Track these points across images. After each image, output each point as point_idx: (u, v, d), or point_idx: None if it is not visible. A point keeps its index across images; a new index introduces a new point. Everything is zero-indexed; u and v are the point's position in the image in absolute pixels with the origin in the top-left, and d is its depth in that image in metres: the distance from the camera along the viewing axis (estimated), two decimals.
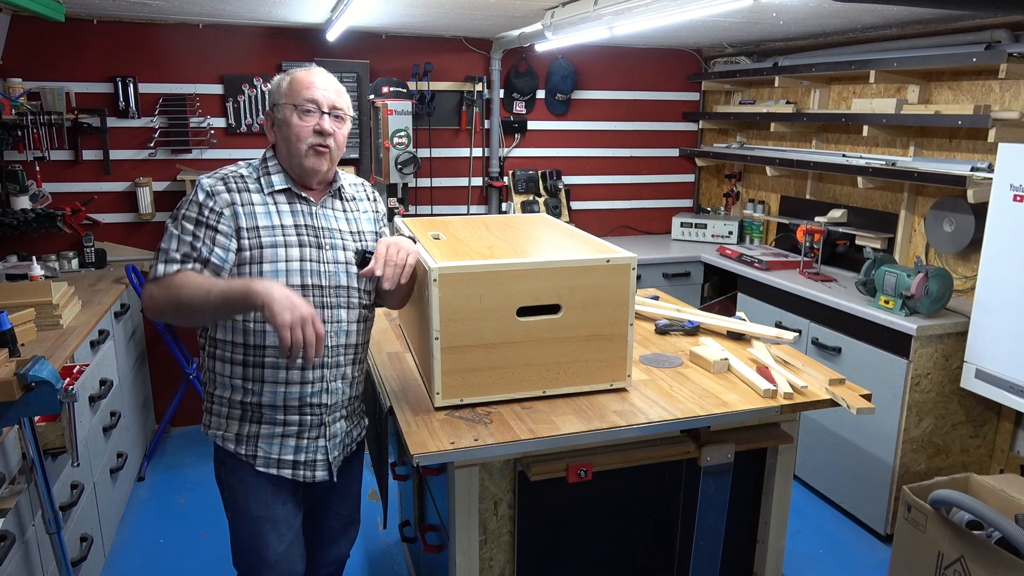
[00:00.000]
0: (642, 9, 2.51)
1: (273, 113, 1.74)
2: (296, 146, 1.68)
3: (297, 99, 1.68)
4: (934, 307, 2.83)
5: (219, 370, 1.72)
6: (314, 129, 1.68)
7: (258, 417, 1.73)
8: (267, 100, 1.80)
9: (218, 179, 1.69)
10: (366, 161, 4.11)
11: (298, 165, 1.71)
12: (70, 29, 3.54)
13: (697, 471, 1.87)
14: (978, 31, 2.90)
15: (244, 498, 1.77)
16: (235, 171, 1.73)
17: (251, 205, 1.68)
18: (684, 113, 4.76)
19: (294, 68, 1.76)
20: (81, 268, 3.61)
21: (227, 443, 1.74)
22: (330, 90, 1.73)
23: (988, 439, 3.01)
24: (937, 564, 2.35)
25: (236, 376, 1.71)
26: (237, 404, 1.73)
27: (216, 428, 1.76)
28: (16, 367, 1.76)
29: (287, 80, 1.72)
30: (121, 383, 3.16)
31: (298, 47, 3.92)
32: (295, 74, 1.73)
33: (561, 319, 1.78)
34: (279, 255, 1.67)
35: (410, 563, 2.62)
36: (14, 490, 1.96)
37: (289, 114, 1.68)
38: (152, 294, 1.61)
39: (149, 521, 3.11)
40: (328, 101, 1.71)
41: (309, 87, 1.70)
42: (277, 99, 1.72)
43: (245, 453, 1.74)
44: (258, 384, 1.70)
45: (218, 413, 1.75)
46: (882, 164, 3.25)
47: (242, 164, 1.76)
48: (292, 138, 1.68)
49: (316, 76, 1.73)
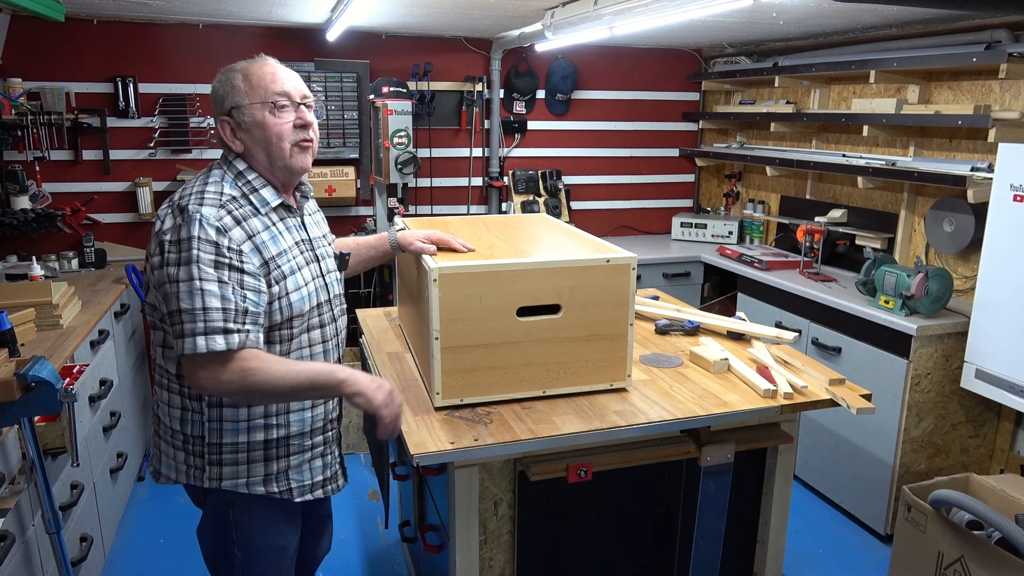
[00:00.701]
0: (642, 9, 2.51)
1: (234, 117, 1.53)
2: (279, 147, 1.54)
3: (265, 95, 1.52)
4: (934, 307, 2.83)
5: (228, 416, 1.55)
6: (295, 124, 1.55)
7: (285, 451, 1.62)
8: (219, 105, 1.55)
9: (217, 208, 1.46)
10: (366, 161, 4.11)
11: (283, 168, 1.56)
12: (70, 29, 3.54)
13: (697, 471, 1.87)
14: (978, 31, 2.90)
15: (262, 533, 1.66)
16: (221, 193, 1.50)
17: (260, 233, 1.52)
18: (684, 113, 4.76)
19: (237, 64, 1.56)
20: (81, 268, 3.61)
21: (253, 488, 1.60)
22: (295, 79, 1.58)
23: (988, 439, 3.01)
24: (937, 564, 2.35)
25: (256, 417, 1.57)
26: (259, 445, 1.59)
27: (232, 477, 1.59)
28: (16, 367, 1.76)
29: (240, 77, 1.53)
30: (121, 383, 3.16)
31: (298, 47, 3.92)
32: (249, 69, 1.54)
33: (561, 319, 1.78)
34: (299, 281, 1.57)
35: (410, 563, 2.62)
36: (14, 490, 1.96)
37: (261, 114, 1.52)
38: (219, 379, 1.41)
39: (149, 521, 3.11)
40: (298, 92, 1.57)
41: (274, 80, 1.53)
42: (237, 100, 1.52)
43: (279, 490, 1.63)
44: (283, 416, 1.60)
45: (231, 462, 1.58)
46: (882, 164, 3.25)
47: (213, 181, 1.52)
48: (272, 139, 1.53)
49: (276, 67, 1.56)
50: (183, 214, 1.44)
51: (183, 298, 1.41)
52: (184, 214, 1.44)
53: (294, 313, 1.57)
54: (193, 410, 1.56)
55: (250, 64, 1.55)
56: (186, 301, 1.40)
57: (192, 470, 1.60)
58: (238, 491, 1.60)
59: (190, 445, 1.58)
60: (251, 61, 1.57)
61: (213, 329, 1.40)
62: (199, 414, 1.56)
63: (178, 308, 1.41)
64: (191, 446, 1.58)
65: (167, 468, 1.64)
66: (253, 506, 1.63)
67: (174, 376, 1.56)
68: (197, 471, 1.59)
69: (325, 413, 1.71)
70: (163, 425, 1.62)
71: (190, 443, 1.58)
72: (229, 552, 1.66)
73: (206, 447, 1.58)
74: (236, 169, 1.56)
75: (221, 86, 1.55)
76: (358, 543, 2.99)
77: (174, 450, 1.61)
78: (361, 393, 1.50)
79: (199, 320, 1.40)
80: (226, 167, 1.57)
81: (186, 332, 1.40)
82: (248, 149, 1.56)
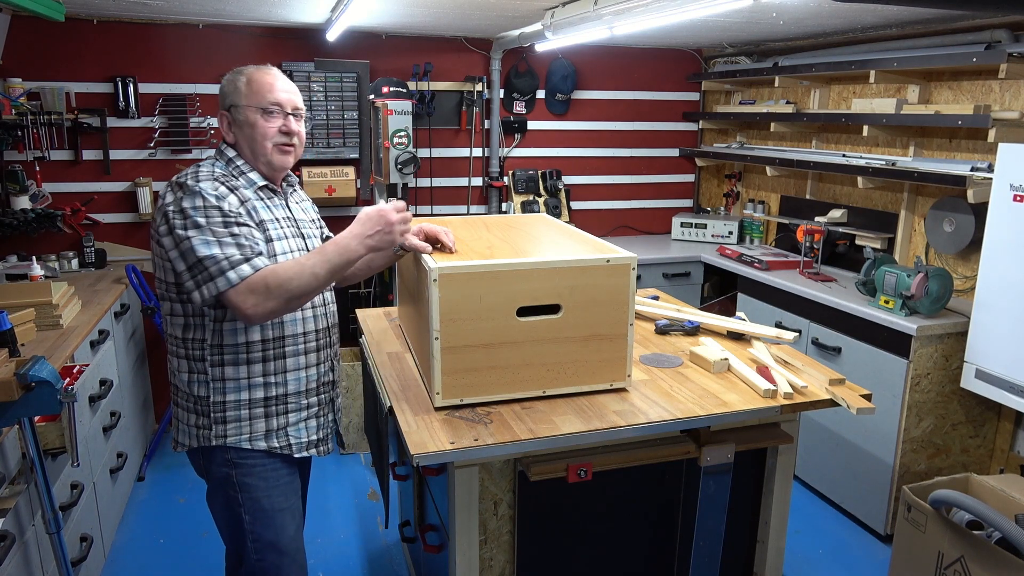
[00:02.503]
0: (642, 9, 2.51)
1: (231, 114, 1.75)
2: (262, 145, 1.73)
3: (261, 101, 1.72)
4: (934, 307, 2.83)
5: (230, 375, 1.71)
6: (280, 129, 1.74)
7: (284, 408, 1.77)
8: (222, 100, 1.77)
9: (212, 181, 1.66)
10: (366, 161, 4.11)
11: (265, 163, 1.75)
12: (70, 29, 3.54)
13: (697, 471, 1.87)
14: (978, 31, 2.91)
15: (266, 493, 1.77)
16: (214, 172, 1.70)
17: (250, 200, 1.71)
18: (684, 113, 4.76)
19: (246, 68, 1.76)
20: (81, 268, 3.61)
21: (256, 443, 1.74)
22: (291, 91, 1.77)
23: (988, 439, 3.01)
24: (937, 564, 2.35)
25: (256, 375, 1.73)
26: (259, 402, 1.74)
27: (236, 433, 1.74)
28: (16, 367, 1.76)
29: (243, 81, 1.73)
30: (121, 383, 3.16)
31: (298, 47, 3.92)
32: (253, 75, 1.74)
33: (561, 319, 1.78)
34: (283, 247, 1.74)
35: (410, 563, 2.62)
36: (14, 490, 1.96)
37: (253, 116, 1.72)
38: (255, 303, 1.57)
39: (149, 521, 3.11)
40: (291, 103, 1.76)
41: (271, 89, 1.73)
42: (236, 100, 1.73)
43: (280, 445, 1.77)
44: (281, 375, 1.75)
45: (234, 419, 1.73)
46: (882, 164, 3.25)
47: (206, 164, 1.73)
48: (258, 138, 1.73)
49: (276, 78, 1.75)
50: (183, 189, 1.62)
51: (200, 248, 1.57)
52: (184, 188, 1.62)
53: None
54: (198, 371, 1.71)
55: (256, 71, 1.75)
56: (204, 249, 1.57)
57: (201, 431, 1.74)
58: (241, 446, 1.73)
59: (199, 406, 1.73)
60: (258, 68, 1.76)
61: (237, 262, 1.58)
62: (203, 374, 1.71)
63: (198, 258, 1.57)
64: (199, 406, 1.73)
65: (182, 435, 1.78)
66: (255, 466, 1.75)
67: (181, 340, 1.72)
68: (205, 431, 1.73)
69: (319, 375, 1.85)
70: (179, 392, 1.76)
71: (199, 404, 1.73)
72: (238, 516, 1.77)
73: (211, 406, 1.72)
74: (227, 156, 1.76)
75: (227, 84, 1.75)
76: (358, 543, 2.99)
77: (186, 413, 1.76)
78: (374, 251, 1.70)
79: (222, 260, 1.57)
80: (217, 156, 1.77)
81: (214, 274, 1.57)
82: (238, 142, 1.76)
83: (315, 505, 3.17)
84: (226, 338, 1.70)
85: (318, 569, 2.81)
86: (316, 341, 1.84)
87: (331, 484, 3.37)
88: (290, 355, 1.77)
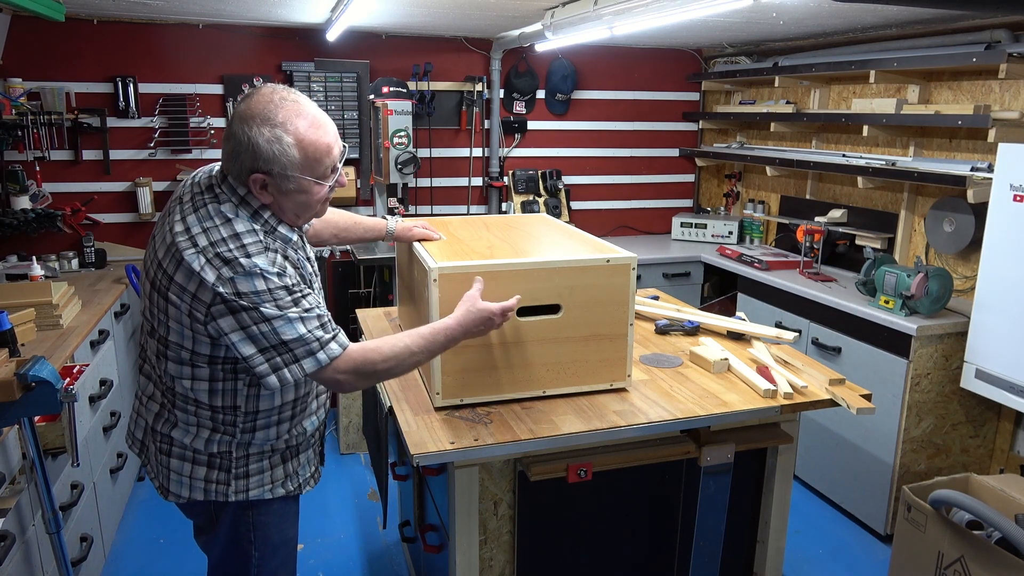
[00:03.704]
0: (642, 9, 2.51)
1: (275, 179, 1.44)
2: (312, 209, 1.53)
3: (319, 170, 1.47)
4: (934, 307, 2.83)
5: (260, 437, 1.59)
6: (330, 187, 1.53)
7: (296, 451, 1.68)
8: (258, 161, 1.42)
9: (264, 253, 1.43)
10: (366, 161, 4.11)
11: (308, 220, 1.60)
12: (70, 29, 3.54)
13: (697, 471, 1.87)
14: (978, 31, 2.90)
15: (279, 529, 1.70)
16: (256, 237, 1.45)
17: (295, 262, 1.53)
18: (684, 113, 4.76)
19: (289, 123, 1.41)
20: (81, 268, 3.61)
21: (276, 491, 1.64)
22: (337, 135, 1.52)
23: (988, 439, 3.01)
24: (937, 564, 2.35)
25: (283, 433, 1.62)
26: (279, 452, 1.64)
27: (259, 486, 1.62)
28: (16, 367, 1.76)
29: (292, 143, 1.41)
30: (121, 383, 3.16)
31: (298, 47, 3.92)
32: (305, 138, 1.42)
33: (561, 319, 1.78)
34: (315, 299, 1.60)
35: (410, 563, 2.62)
36: (14, 490, 1.96)
37: (308, 186, 1.47)
38: (348, 381, 1.50)
39: (149, 521, 3.11)
40: (341, 152, 1.53)
41: (329, 152, 1.47)
42: (286, 169, 1.43)
43: (293, 488, 1.68)
44: (299, 425, 1.66)
45: (256, 471, 1.61)
46: (882, 164, 3.25)
47: (236, 220, 1.44)
48: (313, 204, 1.51)
49: (328, 131, 1.47)
50: (231, 267, 1.39)
51: (284, 331, 1.42)
52: (234, 267, 1.39)
53: None
54: (223, 432, 1.56)
55: (305, 131, 1.43)
56: (289, 332, 1.42)
57: (215, 485, 1.59)
58: (263, 498, 1.63)
59: (217, 460, 1.58)
60: (306, 125, 1.43)
61: (326, 341, 1.46)
62: (229, 436, 1.56)
63: (282, 341, 1.42)
64: (217, 462, 1.58)
65: (178, 486, 1.60)
66: (271, 505, 1.67)
67: (207, 405, 1.54)
68: (221, 486, 1.59)
69: (324, 413, 1.78)
70: (180, 443, 1.57)
71: (216, 459, 1.58)
72: (246, 552, 1.67)
73: (234, 462, 1.58)
74: (250, 207, 1.48)
75: (268, 145, 1.41)
76: (358, 543, 2.98)
77: (193, 466, 1.58)
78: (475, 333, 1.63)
79: (312, 342, 1.44)
80: (238, 203, 1.47)
81: (300, 356, 1.44)
82: (278, 204, 1.49)
83: (315, 505, 3.17)
84: (262, 403, 1.56)
85: (318, 569, 2.81)
86: None
87: (331, 484, 3.37)
88: (311, 401, 1.69)
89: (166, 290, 1.44)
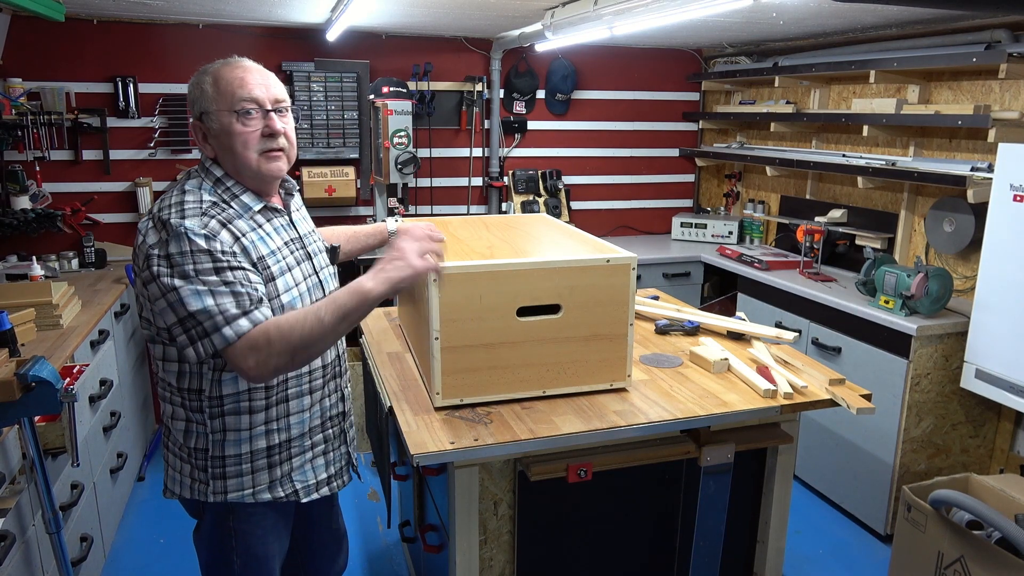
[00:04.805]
0: (642, 9, 2.51)
1: (204, 123, 1.50)
2: (245, 155, 1.49)
3: (233, 102, 1.46)
4: (934, 307, 2.83)
5: (231, 426, 1.54)
6: (262, 132, 1.49)
7: (288, 455, 1.61)
8: (192, 108, 1.51)
9: (199, 217, 1.42)
10: (366, 161, 4.11)
11: (252, 175, 1.52)
12: (70, 29, 3.54)
13: (697, 471, 1.87)
14: (978, 31, 2.91)
15: (262, 539, 1.64)
16: (200, 201, 1.46)
17: (247, 234, 1.49)
18: (684, 113, 4.76)
19: (211, 65, 1.50)
20: (81, 268, 3.61)
21: (260, 495, 1.59)
22: (268, 83, 1.51)
23: (988, 439, 3.01)
24: (937, 564, 2.35)
25: (258, 424, 1.56)
26: (261, 453, 1.57)
27: (238, 489, 1.57)
28: (16, 367, 1.76)
29: (209, 81, 1.48)
30: (121, 383, 3.16)
31: (298, 47, 3.92)
32: (220, 72, 1.48)
33: (561, 319, 1.78)
34: (289, 282, 1.55)
35: (410, 563, 2.62)
36: (14, 490, 1.96)
37: (227, 121, 1.47)
38: (258, 362, 1.39)
39: (149, 521, 3.11)
40: (270, 97, 1.50)
41: (243, 84, 1.47)
42: (206, 106, 1.48)
43: (285, 494, 1.62)
44: (283, 420, 1.59)
45: (235, 474, 1.56)
46: (882, 164, 3.25)
47: (190, 190, 1.47)
48: (238, 147, 1.48)
49: (248, 71, 1.50)
50: (166, 228, 1.40)
51: (190, 301, 1.38)
52: (167, 228, 1.40)
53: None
54: (196, 422, 1.54)
55: (221, 67, 1.50)
56: (195, 302, 1.38)
57: (196, 484, 1.58)
58: (244, 502, 1.59)
59: (194, 459, 1.57)
60: (224, 63, 1.51)
61: (233, 316, 1.39)
62: (202, 426, 1.54)
63: (188, 312, 1.38)
64: (195, 459, 1.57)
65: (173, 482, 1.63)
66: (254, 513, 1.62)
67: (176, 388, 1.54)
68: (201, 485, 1.58)
69: (323, 411, 1.69)
70: (172, 438, 1.60)
71: (194, 456, 1.57)
72: (228, 559, 1.64)
73: (209, 460, 1.56)
74: (214, 176, 1.52)
75: (193, 88, 1.51)
76: (358, 543, 2.98)
77: (181, 463, 1.60)
78: (396, 285, 1.48)
79: (216, 316, 1.38)
80: (204, 174, 1.53)
81: (208, 330, 1.39)
82: (219, 154, 1.52)
83: None
84: (226, 387, 1.52)
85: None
86: (323, 376, 1.67)
87: None
88: (293, 396, 1.60)
89: (135, 264, 1.48)
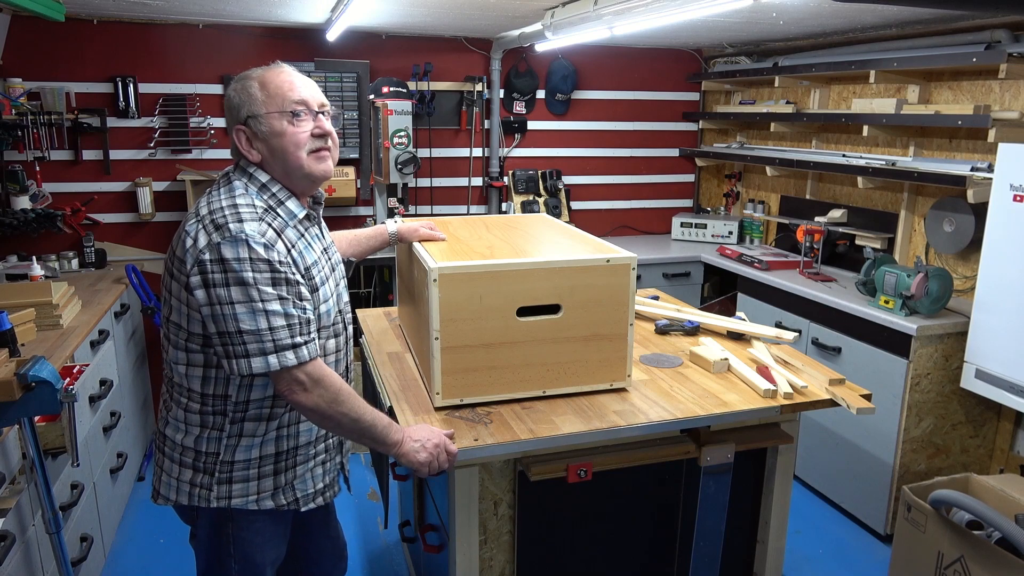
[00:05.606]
0: (642, 9, 2.51)
1: (250, 126, 1.51)
2: (295, 156, 1.51)
3: (284, 104, 1.50)
4: (934, 307, 2.83)
5: (248, 431, 1.54)
6: (313, 133, 1.52)
7: (293, 462, 1.62)
8: (234, 113, 1.53)
9: (258, 222, 1.43)
10: (366, 161, 4.11)
11: (302, 176, 1.54)
12: (70, 29, 3.54)
13: (697, 471, 1.87)
14: (978, 31, 2.90)
15: (260, 547, 1.64)
16: (254, 206, 1.47)
17: (296, 244, 1.51)
18: (684, 113, 4.76)
19: (253, 72, 1.54)
20: (81, 268, 3.61)
21: (263, 503, 1.59)
22: (313, 86, 1.56)
23: (988, 439, 3.01)
24: (937, 564, 2.35)
25: (271, 430, 1.57)
26: (270, 459, 1.58)
27: (243, 495, 1.57)
28: (16, 367, 1.76)
29: (256, 86, 1.51)
30: (121, 383, 3.16)
31: (298, 47, 3.92)
32: (267, 78, 1.52)
33: (561, 319, 1.78)
34: (327, 292, 1.58)
35: (410, 563, 2.62)
36: (14, 490, 1.96)
37: (279, 123, 1.50)
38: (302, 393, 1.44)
39: (149, 521, 3.11)
40: (316, 99, 1.55)
41: (292, 88, 1.51)
42: (254, 109, 1.50)
43: (287, 502, 1.62)
44: (294, 427, 1.60)
45: (242, 479, 1.56)
46: (882, 164, 3.25)
47: (240, 193, 1.49)
48: (290, 148, 1.50)
49: (293, 75, 1.54)
50: (220, 231, 1.40)
51: (244, 319, 1.38)
52: (223, 232, 1.40)
53: (321, 324, 1.58)
54: (212, 426, 1.54)
55: (266, 71, 1.53)
56: (248, 322, 1.39)
57: (198, 490, 1.56)
58: (248, 508, 1.58)
59: (201, 462, 1.55)
60: (267, 68, 1.54)
61: (283, 346, 1.41)
62: (218, 430, 1.54)
63: (238, 329, 1.39)
64: (202, 463, 1.55)
65: (167, 488, 1.59)
66: (254, 521, 1.62)
67: (197, 394, 1.53)
68: (204, 490, 1.56)
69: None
70: (171, 442, 1.57)
71: (202, 459, 1.55)
72: (225, 565, 1.64)
73: (218, 464, 1.55)
74: (259, 181, 1.53)
75: (237, 94, 1.52)
76: (358, 543, 2.98)
77: (180, 468, 1.57)
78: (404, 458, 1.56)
79: (266, 340, 1.40)
80: (246, 178, 1.53)
81: (252, 352, 1.40)
82: (265, 159, 1.53)
83: None
84: (254, 392, 1.53)
85: None
86: None
87: None
88: None
89: (171, 265, 1.47)
